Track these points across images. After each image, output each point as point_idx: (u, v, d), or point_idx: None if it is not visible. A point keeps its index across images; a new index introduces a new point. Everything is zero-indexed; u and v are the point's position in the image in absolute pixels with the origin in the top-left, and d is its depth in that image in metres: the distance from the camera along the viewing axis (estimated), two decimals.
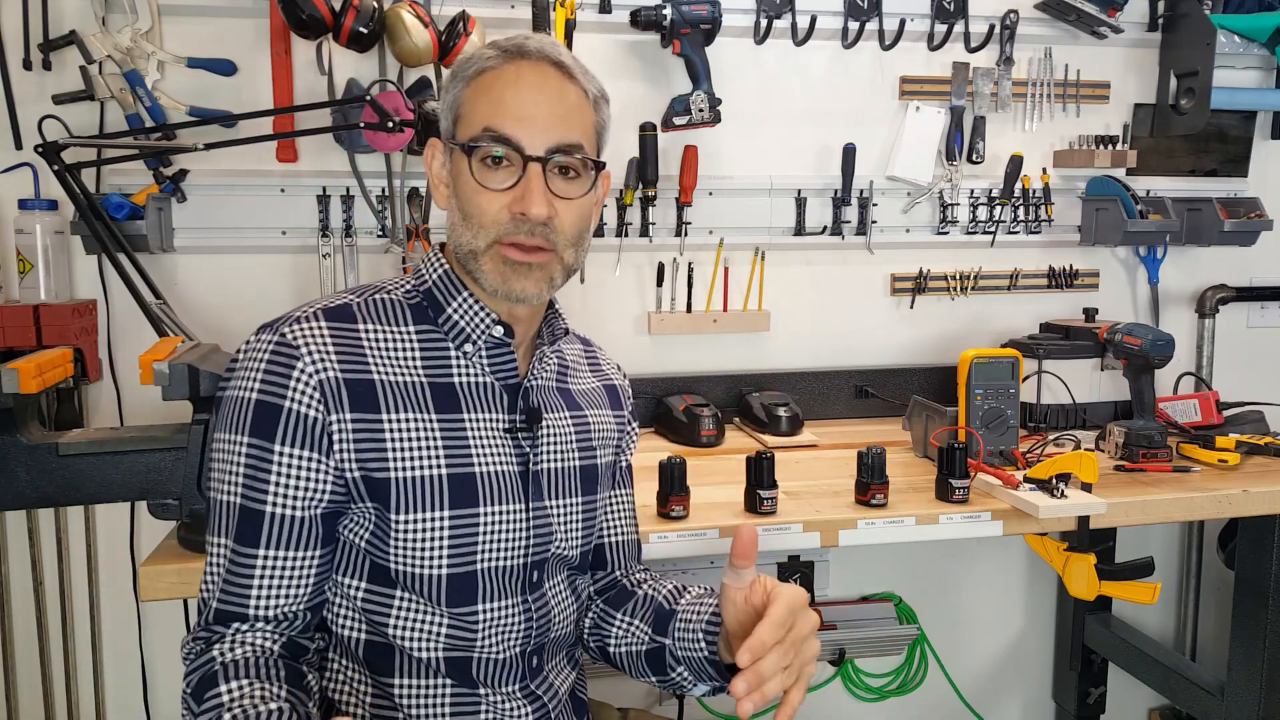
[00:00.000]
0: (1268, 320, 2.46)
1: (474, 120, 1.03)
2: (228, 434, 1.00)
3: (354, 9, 1.75)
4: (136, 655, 2.01)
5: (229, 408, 1.01)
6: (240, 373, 1.01)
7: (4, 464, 1.38)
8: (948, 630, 2.37)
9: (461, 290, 1.08)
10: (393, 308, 1.08)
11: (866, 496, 1.54)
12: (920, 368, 2.25)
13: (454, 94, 1.06)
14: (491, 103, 1.03)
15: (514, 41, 1.06)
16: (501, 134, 1.01)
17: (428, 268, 1.11)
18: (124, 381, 1.92)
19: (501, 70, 1.04)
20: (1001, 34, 2.17)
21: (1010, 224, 2.25)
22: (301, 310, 1.04)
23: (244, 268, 1.95)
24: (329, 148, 1.94)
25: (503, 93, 1.03)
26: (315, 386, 0.99)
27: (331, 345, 1.01)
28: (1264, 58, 2.31)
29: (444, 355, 1.08)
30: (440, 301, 1.09)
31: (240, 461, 0.99)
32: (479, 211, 1.03)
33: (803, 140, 2.16)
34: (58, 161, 1.59)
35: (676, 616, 1.16)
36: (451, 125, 1.07)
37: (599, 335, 1.26)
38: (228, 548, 1.00)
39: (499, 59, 1.04)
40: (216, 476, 1.02)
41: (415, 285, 1.11)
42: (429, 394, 1.05)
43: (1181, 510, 1.67)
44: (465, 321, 1.08)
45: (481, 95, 1.04)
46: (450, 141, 1.07)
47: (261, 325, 1.03)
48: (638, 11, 1.94)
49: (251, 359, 1.01)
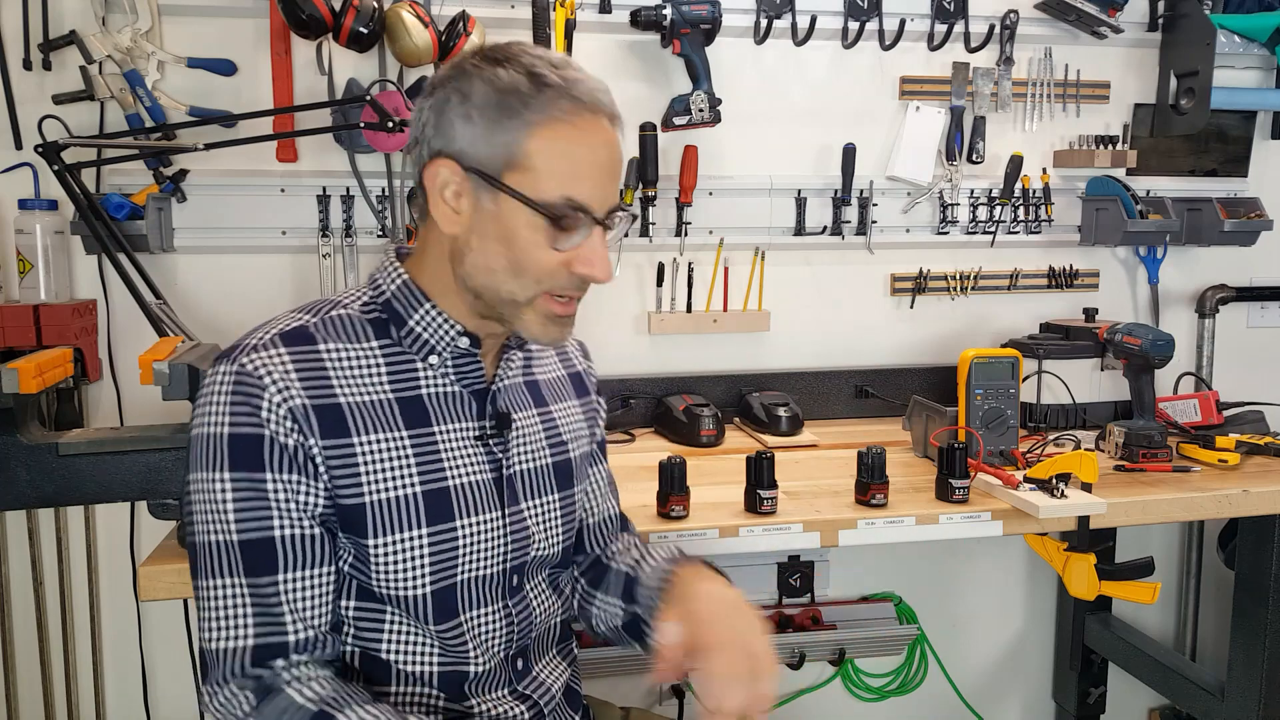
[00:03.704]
0: (1268, 320, 2.46)
1: (549, 181, 0.97)
2: (207, 473, 0.96)
3: (354, 9, 1.75)
4: (136, 655, 2.01)
5: (202, 446, 0.96)
6: (207, 409, 0.97)
7: (4, 464, 1.38)
8: (948, 630, 2.37)
9: (423, 301, 1.04)
10: (352, 324, 1.04)
11: (866, 496, 1.54)
12: (920, 368, 2.25)
13: (510, 134, 0.96)
14: (573, 168, 0.97)
15: (585, 89, 0.98)
16: (581, 204, 0.98)
17: (385, 278, 1.06)
18: (124, 381, 1.92)
19: (576, 126, 0.97)
20: (1001, 34, 2.17)
21: (1010, 224, 2.25)
22: (257, 336, 1.00)
23: (244, 268, 1.95)
24: (329, 148, 1.94)
25: (583, 159, 0.98)
26: (286, 414, 0.96)
27: (294, 371, 0.97)
28: (1264, 58, 2.31)
29: (409, 368, 1.05)
30: (401, 314, 1.05)
31: (227, 499, 0.95)
32: (536, 267, 0.99)
33: (803, 140, 2.16)
34: (58, 161, 1.59)
35: (639, 583, 1.17)
36: (500, 165, 0.97)
37: (599, 335, 1.27)
38: (240, 586, 0.96)
39: (572, 110, 0.97)
40: (201, 519, 0.97)
41: (373, 298, 1.06)
42: (397, 410, 1.02)
43: (1181, 510, 1.67)
44: (429, 334, 1.05)
45: (559, 155, 0.97)
46: (498, 184, 0.97)
47: (218, 355, 0.99)
48: (638, 11, 1.94)
49: (215, 394, 0.96)
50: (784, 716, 2.31)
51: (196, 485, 0.97)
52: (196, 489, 0.97)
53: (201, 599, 0.98)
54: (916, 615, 2.32)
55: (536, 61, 0.98)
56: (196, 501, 0.98)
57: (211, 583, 0.97)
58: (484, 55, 1.00)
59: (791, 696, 2.31)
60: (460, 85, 0.98)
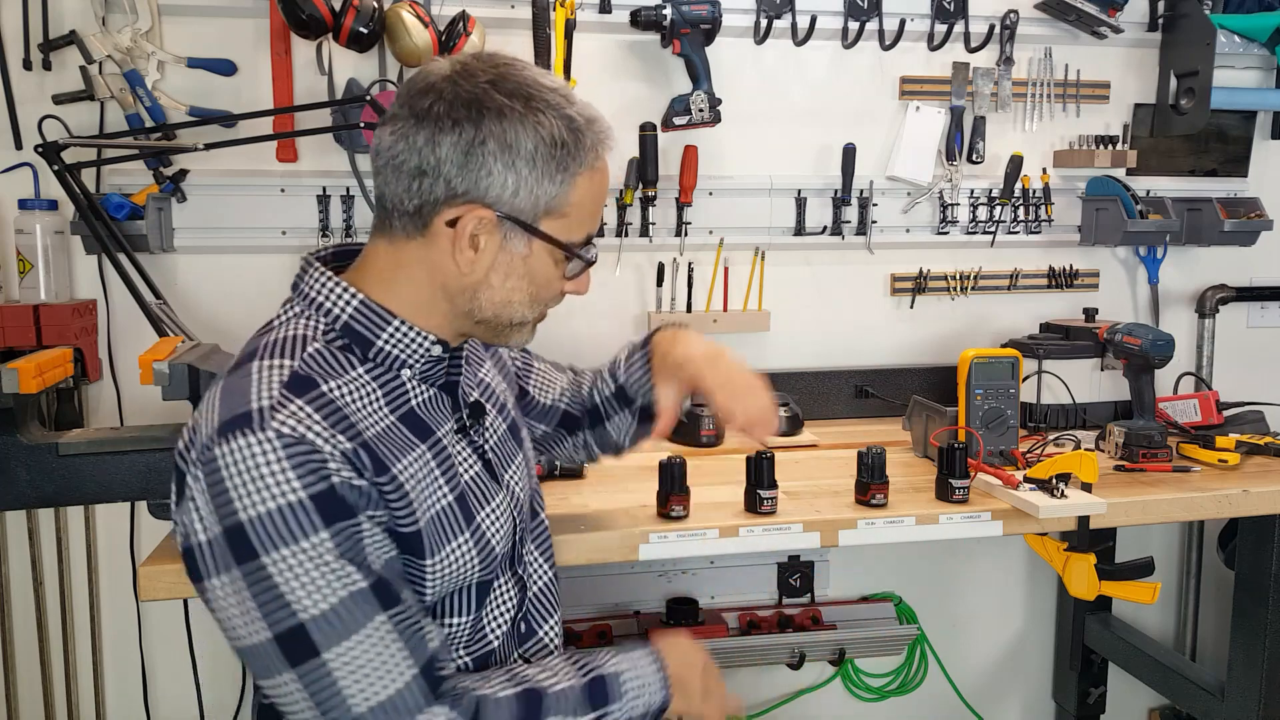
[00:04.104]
0: (1268, 320, 2.46)
1: (581, 224, 1.02)
2: (293, 546, 0.88)
3: (354, 9, 1.75)
4: (136, 655, 2.01)
5: (273, 523, 0.88)
6: (258, 486, 0.88)
7: (4, 464, 1.38)
8: (948, 630, 2.37)
9: (390, 319, 1.01)
10: (331, 357, 0.99)
11: (866, 496, 1.54)
12: (920, 368, 2.25)
13: (557, 187, 0.98)
14: (595, 209, 1.04)
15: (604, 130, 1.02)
16: (592, 238, 1.06)
17: (331, 300, 1.01)
18: (124, 381, 1.92)
19: (599, 170, 1.02)
20: (1001, 34, 2.17)
21: (1010, 224, 2.25)
22: (257, 397, 0.92)
23: (244, 268, 1.95)
24: (329, 148, 1.94)
25: (599, 199, 1.04)
26: (343, 461, 0.92)
27: (323, 419, 0.92)
28: (1264, 58, 2.31)
29: (394, 386, 1.03)
30: (365, 335, 1.01)
31: (334, 555, 0.90)
32: (549, 294, 1.06)
33: (803, 140, 2.16)
34: (58, 161, 1.59)
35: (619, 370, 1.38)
36: (539, 213, 0.99)
37: (598, 335, 1.26)
38: (383, 625, 0.92)
39: (599, 155, 1.02)
40: (303, 593, 0.89)
41: (329, 324, 1.01)
42: (405, 430, 1.02)
43: (1181, 510, 1.67)
44: (400, 349, 1.02)
45: (589, 201, 1.02)
46: (535, 231, 0.99)
47: (224, 432, 0.89)
48: (638, 11, 1.94)
49: (262, 467, 0.88)
50: (784, 716, 2.31)
51: (281, 564, 0.88)
52: (286, 565, 0.89)
53: (334, 671, 0.90)
54: (916, 615, 2.32)
55: (562, 102, 0.98)
56: (286, 579, 0.89)
57: (348, 644, 0.90)
58: (506, 90, 0.96)
59: (791, 696, 2.31)
60: (495, 130, 0.95)
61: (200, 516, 0.91)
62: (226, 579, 0.90)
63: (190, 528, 0.92)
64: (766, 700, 2.30)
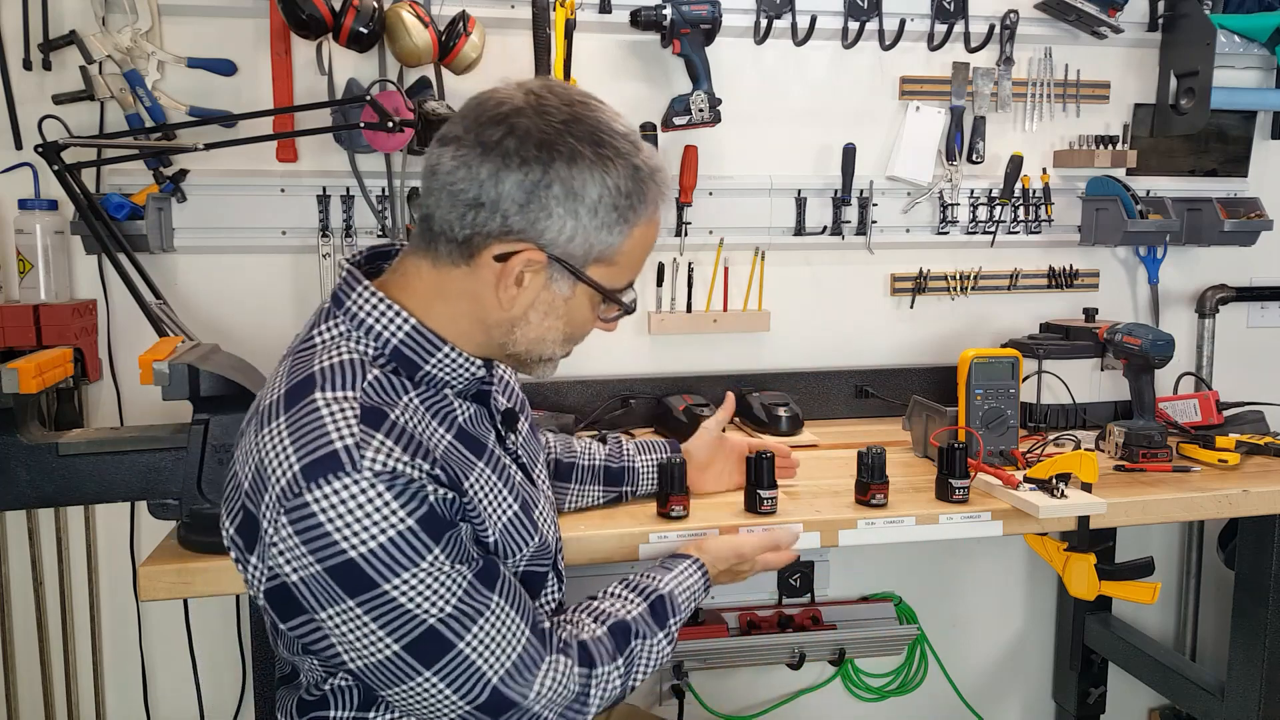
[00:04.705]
0: (1268, 320, 2.46)
1: (625, 273, 1.03)
2: (410, 571, 0.91)
3: (354, 9, 1.75)
4: (136, 655, 2.01)
5: (388, 556, 0.90)
6: (364, 523, 0.89)
7: (4, 464, 1.38)
8: (948, 630, 2.37)
9: (440, 345, 1.02)
10: (388, 382, 0.99)
11: (866, 496, 1.54)
12: (920, 368, 2.25)
13: (614, 238, 0.99)
14: (643, 257, 1.05)
15: (665, 179, 1.02)
16: (633, 283, 1.07)
17: (384, 325, 1.01)
18: (124, 381, 1.92)
19: (655, 221, 1.03)
20: (1001, 34, 2.17)
21: (1010, 224, 2.25)
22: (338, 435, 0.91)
23: (244, 268, 1.95)
24: (329, 148, 1.94)
25: (649, 247, 1.05)
26: (434, 485, 0.95)
27: (404, 450, 0.93)
28: (1264, 58, 2.31)
29: (444, 406, 1.04)
30: (415, 361, 1.02)
31: (448, 564, 0.94)
32: (583, 333, 1.08)
33: (803, 140, 2.15)
34: (58, 161, 1.59)
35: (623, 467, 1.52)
36: (590, 259, 0.99)
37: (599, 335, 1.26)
38: (497, 601, 0.98)
39: (657, 208, 1.02)
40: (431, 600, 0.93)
41: (378, 348, 1.01)
42: (463, 448, 1.03)
43: (1182, 510, 1.67)
44: (447, 373, 1.04)
45: (639, 250, 1.03)
46: (582, 276, 1.00)
47: (312, 477, 0.89)
48: (638, 11, 1.94)
49: (365, 505, 0.89)
50: (784, 716, 2.31)
51: (404, 586, 0.91)
52: (405, 589, 0.91)
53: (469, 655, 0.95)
54: (916, 615, 2.32)
55: (631, 150, 0.98)
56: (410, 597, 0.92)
57: (476, 629, 0.95)
58: (579, 133, 0.96)
59: (791, 696, 2.31)
60: (563, 174, 0.95)
61: (291, 559, 0.91)
62: (341, 609, 0.92)
63: (279, 569, 0.92)
64: (766, 700, 2.30)
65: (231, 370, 1.40)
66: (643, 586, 1.19)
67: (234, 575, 1.28)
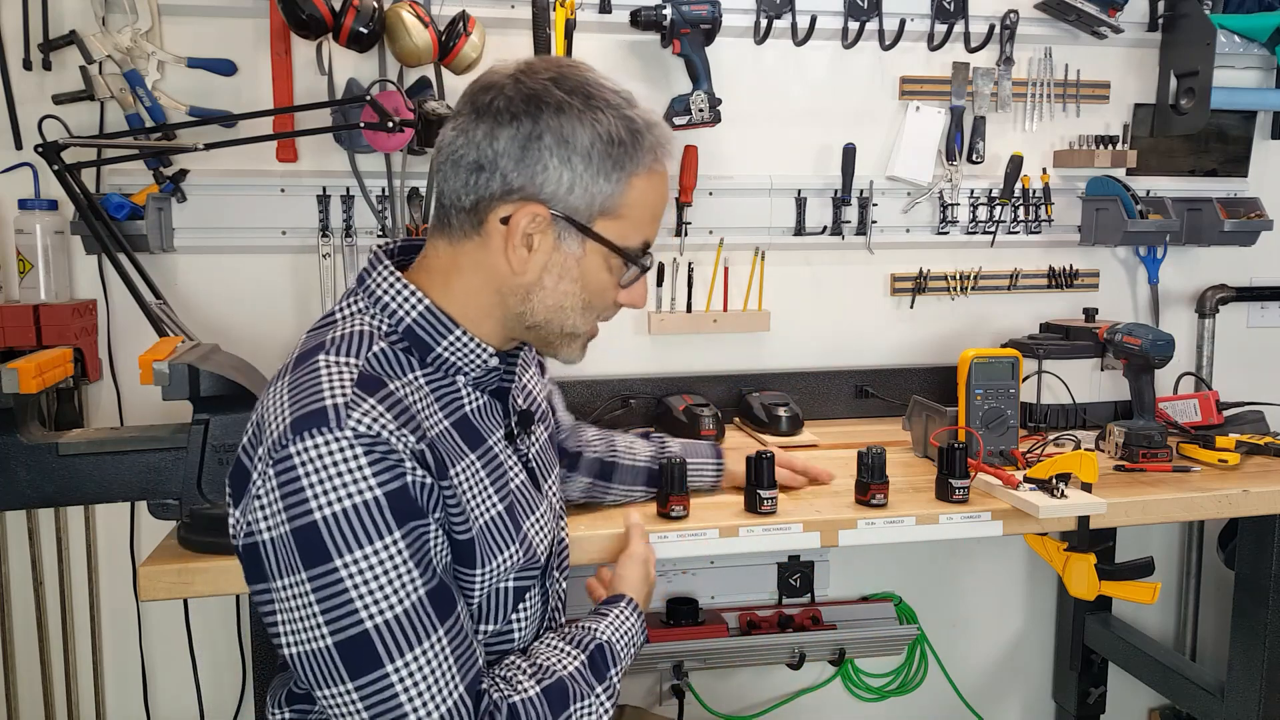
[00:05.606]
0: (1268, 320, 2.46)
1: (637, 229, 1.03)
2: (366, 548, 0.88)
3: (354, 9, 1.75)
4: (136, 655, 2.01)
5: (347, 523, 0.88)
6: (333, 484, 0.88)
7: (4, 464, 1.38)
8: (948, 630, 2.37)
9: (453, 328, 1.02)
10: (392, 357, 0.99)
11: (866, 496, 1.54)
12: (920, 368, 2.25)
13: (612, 186, 0.99)
14: (653, 214, 1.04)
15: (665, 135, 1.03)
16: (648, 245, 1.05)
17: (397, 302, 1.02)
18: (124, 381, 1.92)
19: (658, 174, 1.03)
20: (1001, 34, 2.17)
21: (1010, 224, 2.25)
22: (330, 394, 0.91)
23: (244, 268, 1.95)
24: (329, 148, 1.94)
25: (658, 205, 1.04)
26: (415, 461, 0.92)
27: (395, 418, 0.92)
28: (1264, 58, 2.31)
29: (450, 391, 1.04)
30: (427, 341, 1.02)
31: (404, 558, 0.90)
32: (603, 303, 1.06)
33: (803, 140, 2.15)
34: (58, 161, 1.59)
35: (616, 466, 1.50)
36: (594, 213, 1.00)
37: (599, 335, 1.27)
38: (439, 639, 0.92)
39: (659, 160, 1.02)
40: (370, 598, 0.89)
41: (392, 325, 1.02)
42: (458, 437, 1.02)
43: (1181, 510, 1.67)
44: (458, 358, 1.03)
45: (646, 205, 1.02)
46: (590, 232, 1.00)
47: (299, 429, 0.89)
48: (638, 11, 1.94)
49: (339, 464, 0.88)
50: (784, 716, 2.31)
51: (353, 567, 0.88)
52: (360, 568, 0.89)
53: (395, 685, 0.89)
54: (916, 615, 2.32)
55: (623, 104, 1.00)
56: (356, 584, 0.89)
57: (410, 657, 0.90)
58: (565, 87, 0.98)
59: (791, 696, 2.31)
60: (552, 124, 0.97)
61: (267, 515, 0.90)
62: (292, 581, 0.90)
63: (255, 525, 0.92)
64: (766, 700, 2.30)
65: (231, 370, 1.40)
66: (579, 638, 1.10)
67: (234, 575, 1.28)
